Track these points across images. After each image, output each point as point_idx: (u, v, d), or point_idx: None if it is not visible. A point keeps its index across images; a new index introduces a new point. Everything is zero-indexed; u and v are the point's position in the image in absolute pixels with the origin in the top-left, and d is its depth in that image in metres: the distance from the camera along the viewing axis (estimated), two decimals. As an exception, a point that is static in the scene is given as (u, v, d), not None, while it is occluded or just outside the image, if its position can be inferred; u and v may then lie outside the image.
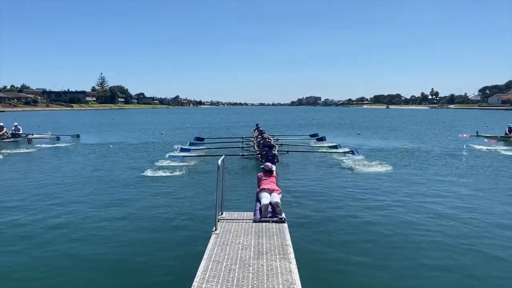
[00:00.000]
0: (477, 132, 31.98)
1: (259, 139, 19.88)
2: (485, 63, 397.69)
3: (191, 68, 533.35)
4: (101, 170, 16.03)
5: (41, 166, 17.19)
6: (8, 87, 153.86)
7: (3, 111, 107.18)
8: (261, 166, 9.23)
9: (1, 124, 27.40)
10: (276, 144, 19.92)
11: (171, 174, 14.72)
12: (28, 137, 27.82)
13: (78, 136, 31.03)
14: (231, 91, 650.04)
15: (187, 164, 17.21)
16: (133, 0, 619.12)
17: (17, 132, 28.53)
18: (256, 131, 24.35)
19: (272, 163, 14.45)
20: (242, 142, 23.97)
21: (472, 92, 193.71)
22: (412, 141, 29.13)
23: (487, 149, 22.58)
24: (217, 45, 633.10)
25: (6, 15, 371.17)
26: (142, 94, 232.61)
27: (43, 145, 25.35)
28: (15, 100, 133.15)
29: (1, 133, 26.73)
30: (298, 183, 13.55)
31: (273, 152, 15.92)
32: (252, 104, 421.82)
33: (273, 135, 25.96)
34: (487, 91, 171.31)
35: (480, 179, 14.17)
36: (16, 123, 29.23)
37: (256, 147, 20.19)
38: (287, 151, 19.59)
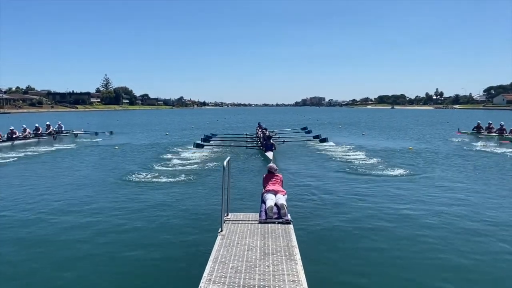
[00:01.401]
0: (458, 128, 35.99)
1: (260, 133, 24.50)
2: (490, 63, 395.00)
3: (195, 69, 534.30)
4: (107, 171, 16.09)
5: (57, 165, 17.32)
6: (14, 88, 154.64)
7: (9, 113, 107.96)
8: (266, 167, 9.24)
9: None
10: (275, 137, 24.67)
11: (177, 175, 14.75)
12: (61, 134, 32.84)
13: (111, 132, 35.64)
14: (235, 92, 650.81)
15: (192, 164, 17.26)
16: (136, 2, 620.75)
17: (60, 129, 33.33)
18: (258, 127, 28.65)
19: (270, 150, 19.73)
20: (246, 136, 28.39)
21: (477, 92, 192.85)
22: (417, 141, 29.05)
23: (486, 148, 22.79)
24: (220, 46, 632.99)
25: (11, 17, 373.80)
26: (147, 95, 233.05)
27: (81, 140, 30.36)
28: (20, 101, 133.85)
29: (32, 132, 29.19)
30: (303, 184, 13.54)
31: (271, 141, 20.71)
32: (256, 105, 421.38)
33: (273, 131, 30.15)
34: (492, 91, 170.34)
35: (488, 179, 14.12)
36: (59, 122, 34.23)
37: (258, 139, 24.66)
38: (283, 141, 24.63)
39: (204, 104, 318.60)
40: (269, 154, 18.93)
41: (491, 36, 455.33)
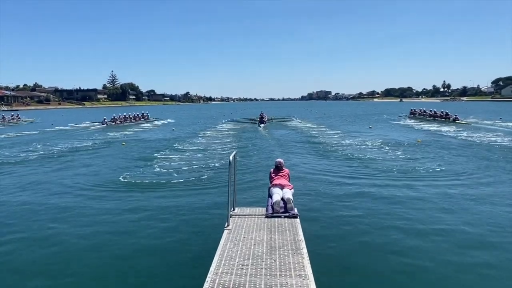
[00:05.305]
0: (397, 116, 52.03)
1: (259, 116, 42.23)
2: (498, 54, 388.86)
3: (201, 65, 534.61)
4: (115, 167, 16.12)
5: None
6: (21, 86, 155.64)
7: (17, 110, 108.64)
8: (273, 167, 9.22)
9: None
10: (269, 119, 44.66)
11: (183, 171, 14.79)
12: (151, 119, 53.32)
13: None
14: (241, 86, 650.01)
15: (199, 160, 17.31)
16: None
17: (147, 117, 53.64)
18: (260, 113, 43.91)
19: (262, 123, 39.76)
20: (251, 119, 46.80)
21: (485, 84, 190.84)
22: (426, 134, 28.89)
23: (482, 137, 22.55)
24: (226, 41, 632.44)
25: (18, 16, 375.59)
26: (153, 91, 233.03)
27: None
28: (28, 98, 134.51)
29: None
30: (309, 177, 13.49)
31: (264, 120, 40.77)
32: (262, 100, 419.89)
33: (270, 116, 47.62)
34: (501, 83, 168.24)
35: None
36: (147, 112, 56.38)
37: (258, 120, 42.12)
38: (272, 120, 45.12)
39: (210, 99, 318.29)
40: (261, 126, 37.77)
41: (498, 27, 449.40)
